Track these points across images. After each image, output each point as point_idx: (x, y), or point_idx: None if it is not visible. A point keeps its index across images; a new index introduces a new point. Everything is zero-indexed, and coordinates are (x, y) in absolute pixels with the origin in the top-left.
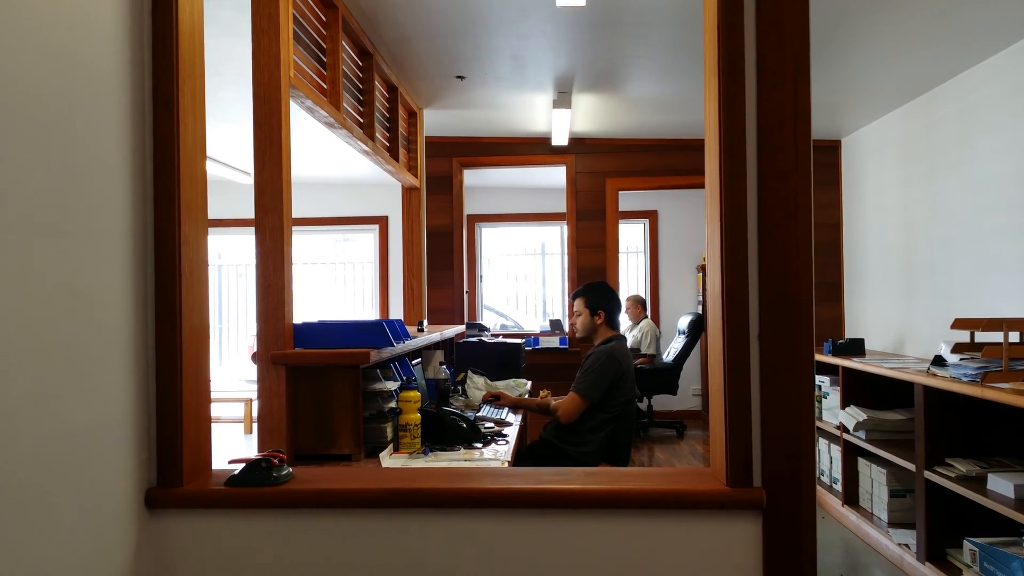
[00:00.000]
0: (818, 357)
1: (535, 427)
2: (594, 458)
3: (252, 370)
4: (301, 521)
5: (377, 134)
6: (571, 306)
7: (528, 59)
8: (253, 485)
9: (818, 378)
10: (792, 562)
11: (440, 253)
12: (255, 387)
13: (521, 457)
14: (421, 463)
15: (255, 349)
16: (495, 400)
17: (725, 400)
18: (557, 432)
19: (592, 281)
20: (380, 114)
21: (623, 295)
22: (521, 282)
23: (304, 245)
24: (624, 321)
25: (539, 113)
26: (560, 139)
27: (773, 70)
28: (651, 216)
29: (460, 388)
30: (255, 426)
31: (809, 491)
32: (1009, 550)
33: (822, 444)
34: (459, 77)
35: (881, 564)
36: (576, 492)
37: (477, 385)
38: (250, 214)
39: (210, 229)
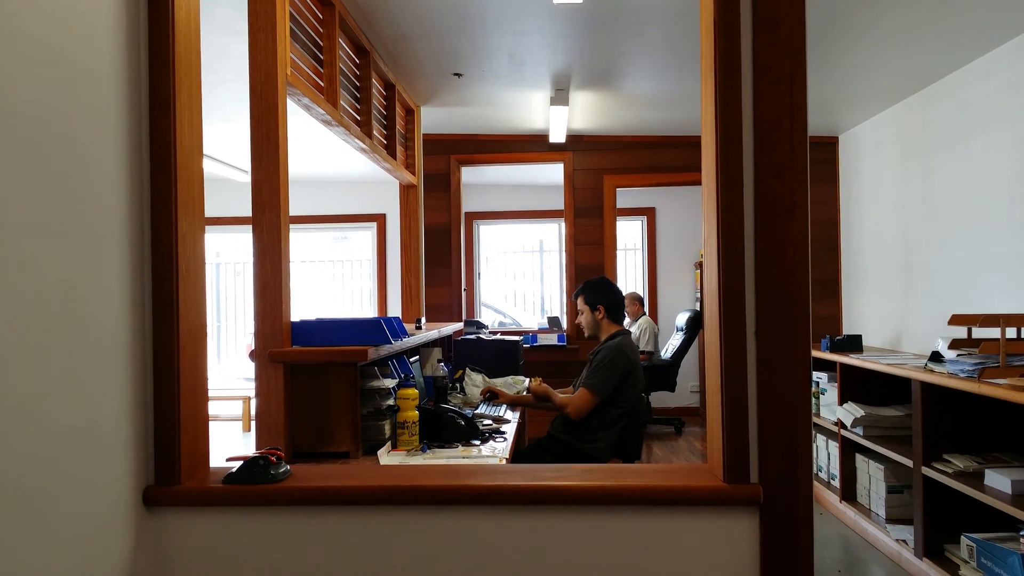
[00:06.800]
0: (816, 353)
1: (533, 424)
2: (606, 454)
3: (250, 368)
4: (299, 519)
5: (374, 131)
6: (573, 307)
7: (525, 56)
8: (251, 483)
9: (816, 374)
10: (789, 558)
11: (438, 251)
12: (253, 385)
13: (531, 452)
14: (419, 460)
15: (253, 347)
16: (493, 397)
17: (722, 397)
18: (567, 428)
19: (590, 279)
20: (377, 111)
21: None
22: (519, 279)
23: (302, 243)
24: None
25: (536, 110)
26: (558, 136)
27: (769, 67)
28: (649, 213)
29: (458, 385)
30: (253, 424)
31: (806, 487)
32: (1006, 545)
33: (820, 440)
34: (456, 74)
35: (879, 560)
36: (574, 488)
37: (475, 382)
38: (248, 212)
39: (207, 227)
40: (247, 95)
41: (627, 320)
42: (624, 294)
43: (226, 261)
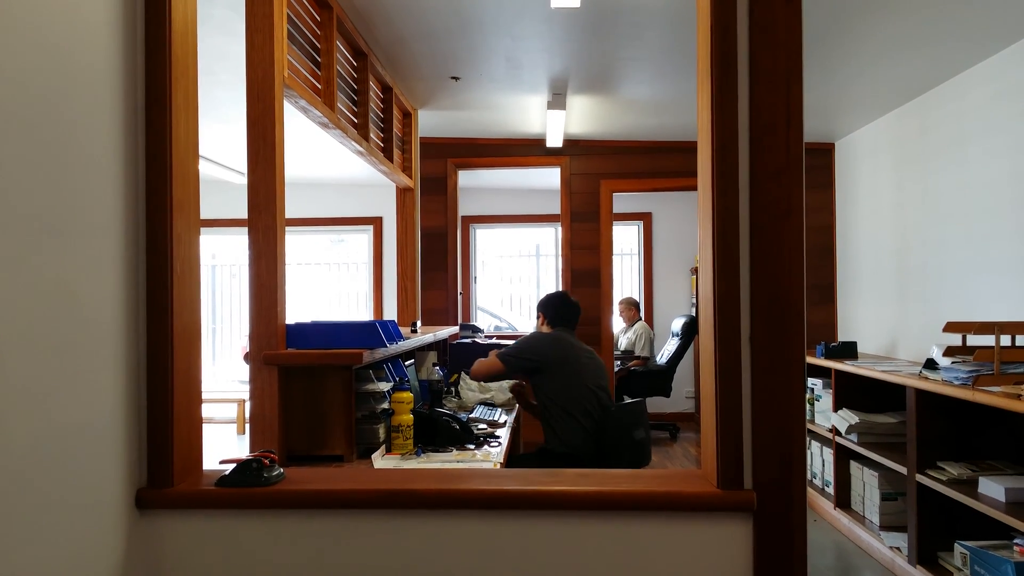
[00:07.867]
0: (810, 360)
1: (528, 429)
2: (575, 458)
3: (245, 370)
4: (292, 522)
5: (371, 134)
6: None
7: (523, 60)
8: (244, 486)
9: (810, 381)
10: (783, 564)
11: (434, 254)
12: (248, 387)
13: (526, 459)
14: (413, 464)
15: (248, 349)
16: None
17: (716, 402)
18: (544, 434)
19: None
20: (374, 114)
21: (617, 297)
22: (515, 284)
23: (298, 245)
24: (618, 323)
25: (533, 114)
26: (554, 141)
27: (766, 72)
28: (645, 218)
29: (453, 389)
30: (248, 426)
31: (800, 493)
32: (1000, 553)
33: (814, 447)
34: (454, 78)
35: (872, 567)
36: (567, 493)
37: (470, 386)
38: (244, 214)
39: (203, 229)
40: (244, 96)
41: (623, 325)
42: (620, 299)
43: (222, 263)
